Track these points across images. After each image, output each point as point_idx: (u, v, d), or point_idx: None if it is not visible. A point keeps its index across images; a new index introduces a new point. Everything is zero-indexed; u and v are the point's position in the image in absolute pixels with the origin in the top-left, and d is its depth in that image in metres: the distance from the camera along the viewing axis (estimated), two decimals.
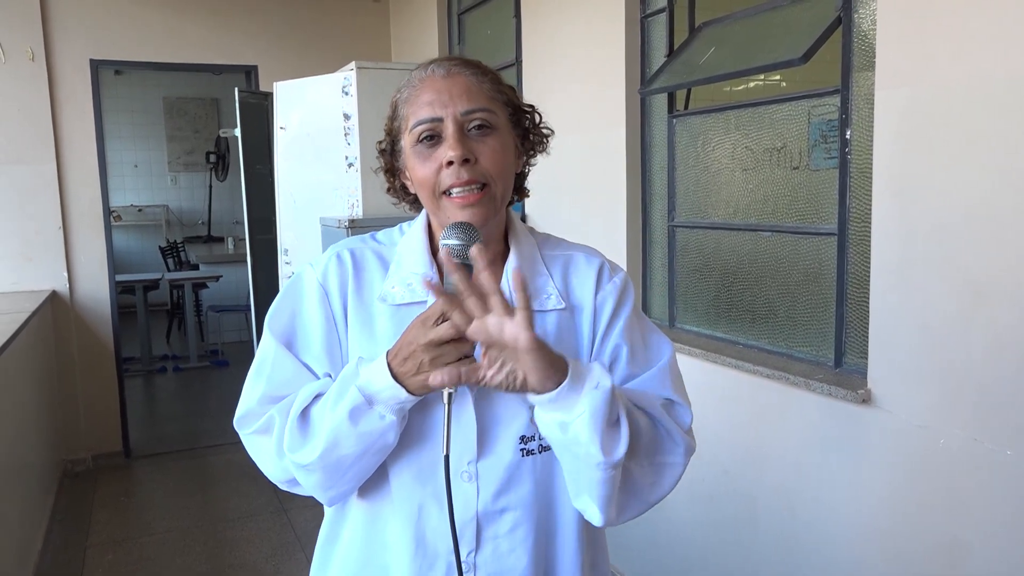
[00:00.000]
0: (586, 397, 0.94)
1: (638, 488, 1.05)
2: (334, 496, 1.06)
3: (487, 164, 1.03)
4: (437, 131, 1.03)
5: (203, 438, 5.18)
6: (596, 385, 0.95)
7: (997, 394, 1.81)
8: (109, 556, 3.62)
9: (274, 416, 1.05)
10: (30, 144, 4.54)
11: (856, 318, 2.24)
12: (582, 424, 0.94)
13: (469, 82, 1.05)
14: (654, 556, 3.00)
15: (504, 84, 1.10)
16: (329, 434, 0.99)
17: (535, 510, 1.06)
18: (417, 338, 0.94)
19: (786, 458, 2.42)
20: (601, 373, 0.96)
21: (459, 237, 0.98)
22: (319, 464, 1.00)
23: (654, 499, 1.08)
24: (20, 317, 3.62)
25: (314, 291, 1.09)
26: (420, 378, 0.94)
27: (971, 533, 1.88)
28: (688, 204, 2.93)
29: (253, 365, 1.11)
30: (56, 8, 4.56)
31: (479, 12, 4.40)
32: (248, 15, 5.06)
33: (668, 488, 1.08)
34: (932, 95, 1.90)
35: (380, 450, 1.01)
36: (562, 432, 0.96)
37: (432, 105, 1.03)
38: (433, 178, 1.03)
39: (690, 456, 1.08)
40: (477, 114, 1.03)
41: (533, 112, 1.13)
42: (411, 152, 1.06)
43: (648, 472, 1.05)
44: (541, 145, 1.15)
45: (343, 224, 3.10)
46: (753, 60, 2.49)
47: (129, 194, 9.75)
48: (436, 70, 1.06)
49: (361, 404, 0.97)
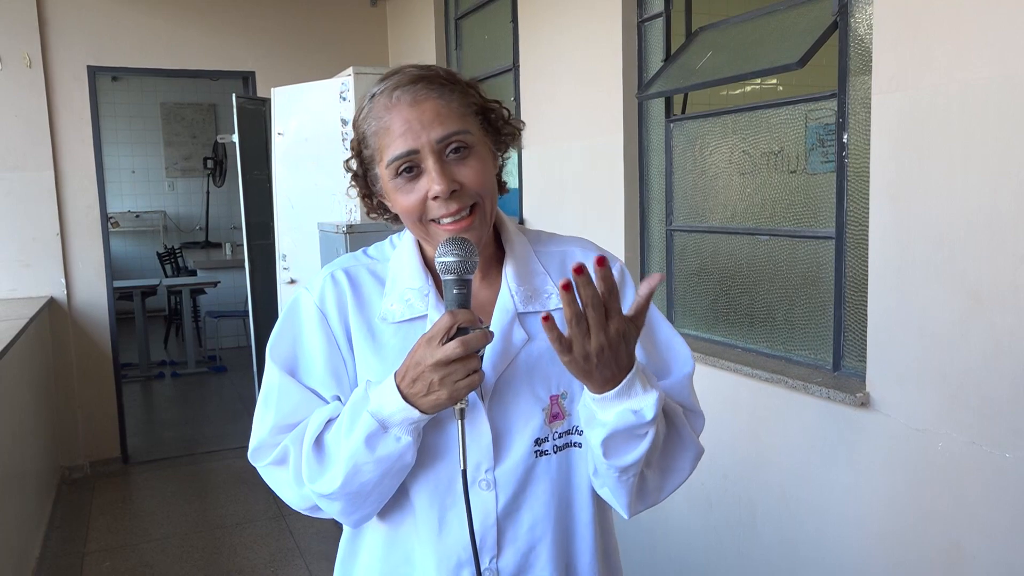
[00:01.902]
0: (621, 413, 0.96)
1: (647, 491, 1.08)
2: (358, 519, 1.06)
3: (471, 185, 1.01)
4: (415, 162, 1.00)
5: (201, 444, 5.17)
6: (636, 410, 0.95)
7: (996, 397, 1.81)
8: (107, 563, 3.61)
9: (288, 447, 1.05)
10: (27, 151, 4.54)
11: (854, 321, 2.24)
12: (596, 437, 0.98)
13: (438, 105, 1.01)
14: (653, 561, 2.99)
15: (469, 87, 1.06)
16: (347, 462, 0.98)
17: (552, 508, 1.07)
18: (424, 358, 0.93)
19: (785, 462, 2.42)
20: (651, 404, 0.95)
21: (455, 253, 0.96)
22: (341, 492, 1.00)
23: (656, 501, 1.10)
24: (18, 324, 3.62)
25: (312, 315, 1.08)
26: (431, 398, 0.94)
27: (971, 537, 1.88)
28: (686, 208, 2.93)
29: (260, 396, 1.11)
30: (53, 15, 4.57)
31: (476, 17, 4.40)
32: (245, 21, 5.07)
33: (670, 491, 1.10)
34: (929, 99, 1.90)
35: (400, 471, 1.01)
36: (588, 427, 1.00)
37: (405, 137, 0.99)
38: (419, 208, 1.01)
39: (697, 462, 1.10)
40: (453, 138, 1.00)
41: (500, 107, 1.10)
42: (390, 184, 1.03)
43: (657, 477, 1.08)
44: (512, 140, 1.12)
45: (341, 229, 3.10)
46: (750, 64, 2.50)
47: (127, 200, 9.75)
48: (402, 96, 1.01)
49: (376, 430, 0.96)
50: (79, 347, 4.74)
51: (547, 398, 1.05)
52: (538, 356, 1.06)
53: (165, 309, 8.46)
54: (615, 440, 0.97)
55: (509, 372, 1.05)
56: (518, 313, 1.07)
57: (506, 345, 1.05)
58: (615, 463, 0.99)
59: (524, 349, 1.06)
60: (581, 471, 1.08)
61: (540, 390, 1.05)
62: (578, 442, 1.08)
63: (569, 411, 1.07)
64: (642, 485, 1.06)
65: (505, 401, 1.04)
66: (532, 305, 1.08)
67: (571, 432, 1.07)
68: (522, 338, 1.06)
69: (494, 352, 1.04)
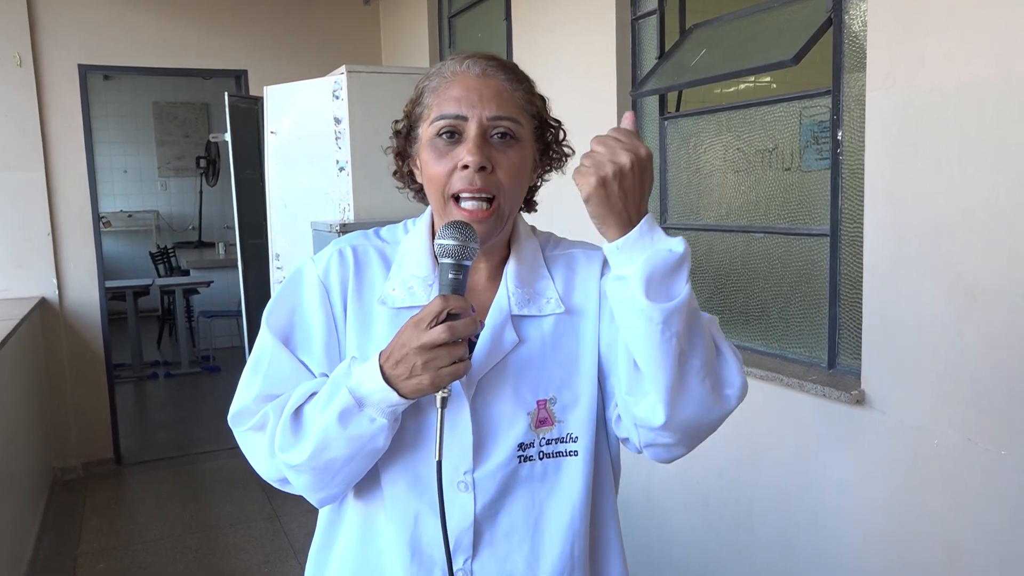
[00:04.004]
0: (654, 253, 0.92)
1: (692, 395, 0.96)
2: (324, 498, 1.05)
3: (502, 175, 1.01)
4: (459, 129, 1.00)
5: (195, 445, 5.15)
6: (668, 248, 0.93)
7: (991, 394, 1.81)
8: (100, 565, 3.59)
9: (268, 413, 1.04)
10: (18, 150, 4.51)
11: (849, 319, 2.24)
12: (636, 270, 0.92)
13: (503, 87, 1.02)
14: (649, 560, 2.99)
15: (537, 95, 1.08)
16: (319, 435, 0.97)
17: (532, 514, 1.04)
18: (410, 341, 0.92)
19: (780, 460, 2.42)
20: (679, 241, 0.93)
21: (455, 237, 0.95)
22: (308, 466, 0.99)
23: (703, 420, 0.98)
24: (9, 324, 3.60)
25: (315, 288, 1.07)
26: (412, 382, 0.93)
27: (967, 533, 1.88)
28: (680, 206, 2.93)
29: (249, 361, 1.09)
30: (44, 13, 4.54)
31: (470, 15, 4.39)
32: (238, 19, 5.04)
33: (716, 418, 1.00)
34: (923, 96, 1.90)
35: (370, 453, 0.99)
36: (619, 283, 0.94)
37: (460, 102, 1.00)
38: (445, 178, 1.01)
39: (743, 397, 1.01)
40: (504, 122, 1.01)
41: (559, 128, 1.11)
42: (427, 143, 1.03)
43: (706, 391, 0.96)
44: (560, 162, 1.12)
45: (334, 228, 3.09)
46: (744, 61, 2.49)
47: (119, 200, 9.70)
48: (472, 66, 1.03)
49: (351, 406, 0.95)
50: (71, 347, 4.71)
51: (533, 402, 1.03)
52: (527, 360, 1.04)
53: (158, 309, 8.43)
54: (655, 278, 0.92)
55: (495, 373, 1.03)
56: (512, 315, 1.05)
57: (495, 345, 1.03)
58: (661, 305, 0.91)
59: (513, 352, 1.04)
60: (573, 481, 1.05)
61: (526, 394, 1.03)
62: (573, 451, 1.05)
63: (560, 418, 1.04)
64: (685, 368, 0.94)
65: (489, 402, 1.02)
66: (528, 308, 1.06)
67: (563, 440, 1.05)
68: (512, 340, 1.04)
69: (482, 351, 1.03)
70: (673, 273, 0.93)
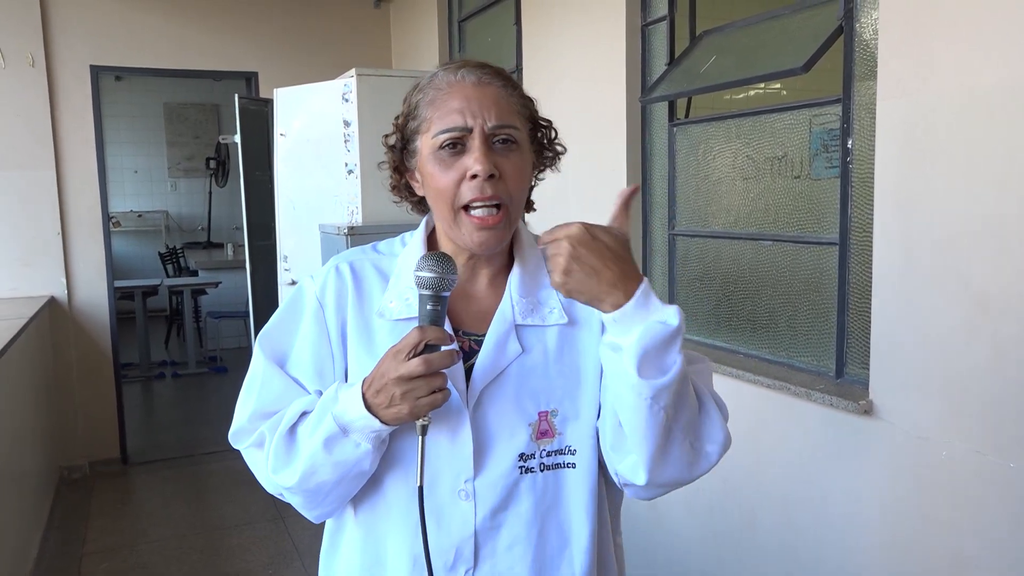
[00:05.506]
0: (649, 327, 0.93)
1: (673, 449, 1.00)
2: (319, 515, 1.09)
3: (509, 180, 1.01)
4: (463, 140, 1.01)
5: (201, 445, 5.16)
6: (662, 321, 0.93)
7: (1000, 406, 1.79)
8: (105, 564, 3.60)
9: (264, 432, 1.06)
10: (29, 150, 4.53)
11: (858, 328, 2.23)
12: (630, 346, 0.93)
13: (499, 94, 1.03)
14: (652, 569, 2.98)
15: (528, 98, 1.09)
16: (307, 461, 1.00)
17: (535, 527, 1.04)
18: (388, 371, 0.94)
19: (786, 469, 2.41)
20: (674, 313, 0.94)
21: (433, 269, 0.95)
22: (299, 488, 1.02)
23: (685, 477, 1.03)
24: (18, 323, 3.61)
25: (311, 307, 1.09)
26: (392, 411, 0.95)
27: (974, 546, 1.87)
28: (689, 213, 2.92)
29: (245, 381, 1.11)
30: (56, 14, 4.56)
31: (480, 19, 4.40)
32: (248, 21, 5.07)
33: (698, 475, 1.05)
34: (934, 105, 1.89)
35: (357, 476, 1.01)
36: (614, 353, 0.95)
37: (462, 113, 1.00)
38: (453, 189, 1.01)
39: (725, 452, 1.06)
40: (505, 129, 1.01)
41: (550, 127, 1.12)
42: (430, 157, 1.03)
43: (687, 451, 1.01)
44: (553, 161, 1.13)
45: (342, 231, 3.10)
46: (754, 69, 2.48)
47: (129, 200, 9.75)
48: (467, 76, 1.03)
49: (336, 433, 0.98)
50: (79, 347, 4.73)
51: (535, 413, 1.04)
52: (530, 370, 1.04)
53: (166, 309, 8.46)
54: (649, 355, 0.93)
55: (498, 383, 1.03)
56: (516, 325, 1.05)
57: (498, 355, 1.04)
58: (652, 382, 0.93)
59: (516, 361, 1.04)
60: (574, 494, 1.05)
61: (528, 404, 1.04)
62: (571, 463, 1.05)
63: (560, 430, 1.04)
64: (670, 436, 0.97)
65: (490, 412, 1.02)
66: (532, 318, 1.06)
67: (563, 452, 1.05)
68: (516, 351, 1.04)
69: (486, 360, 1.03)
70: (666, 347, 0.94)
